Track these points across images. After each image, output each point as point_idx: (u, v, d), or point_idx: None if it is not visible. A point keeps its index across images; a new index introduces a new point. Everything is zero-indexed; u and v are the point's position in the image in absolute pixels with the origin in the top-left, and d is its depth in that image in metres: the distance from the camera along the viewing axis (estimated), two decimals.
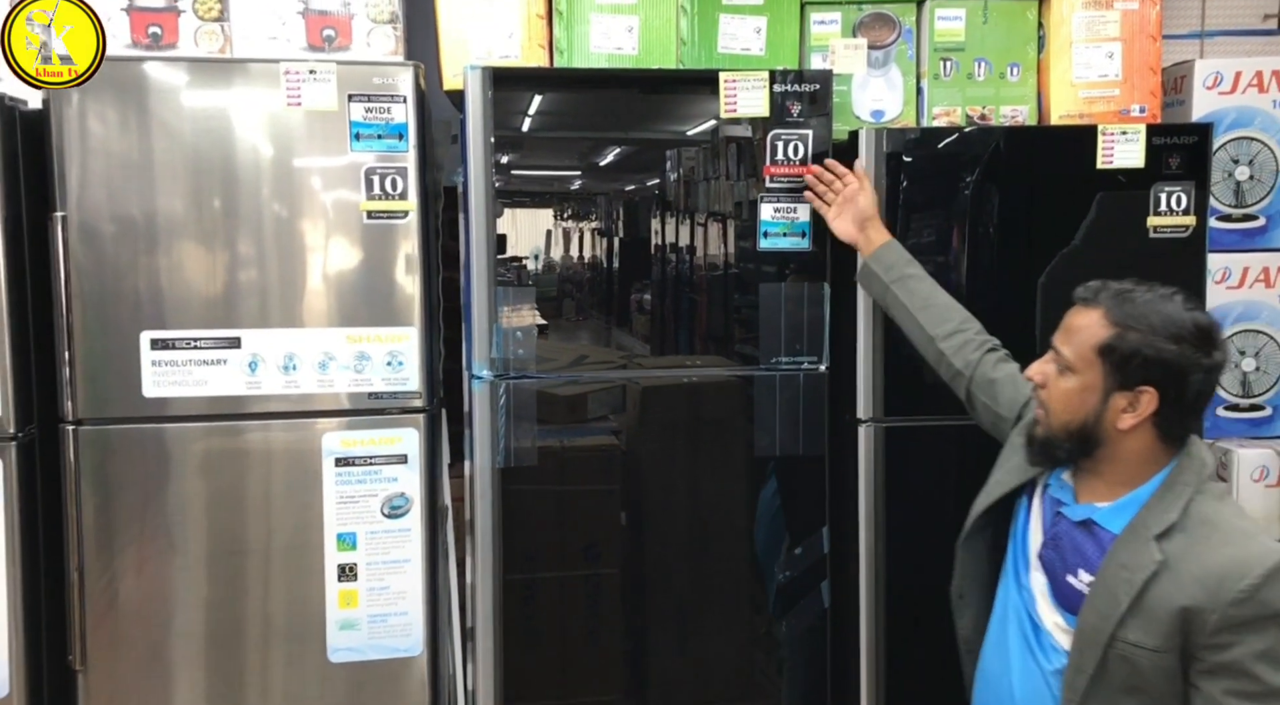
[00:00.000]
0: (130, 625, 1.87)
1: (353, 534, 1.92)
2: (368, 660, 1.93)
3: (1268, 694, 1.23)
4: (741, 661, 2.20)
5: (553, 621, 2.09)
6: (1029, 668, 1.42)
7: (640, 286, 2.11)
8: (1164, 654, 1.28)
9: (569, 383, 2.10)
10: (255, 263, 1.87)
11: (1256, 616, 1.23)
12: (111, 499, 1.85)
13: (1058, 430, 1.37)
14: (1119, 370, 1.31)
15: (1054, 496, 1.44)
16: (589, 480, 2.12)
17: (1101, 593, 1.32)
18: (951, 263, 2.11)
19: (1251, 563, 1.24)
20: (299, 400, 1.90)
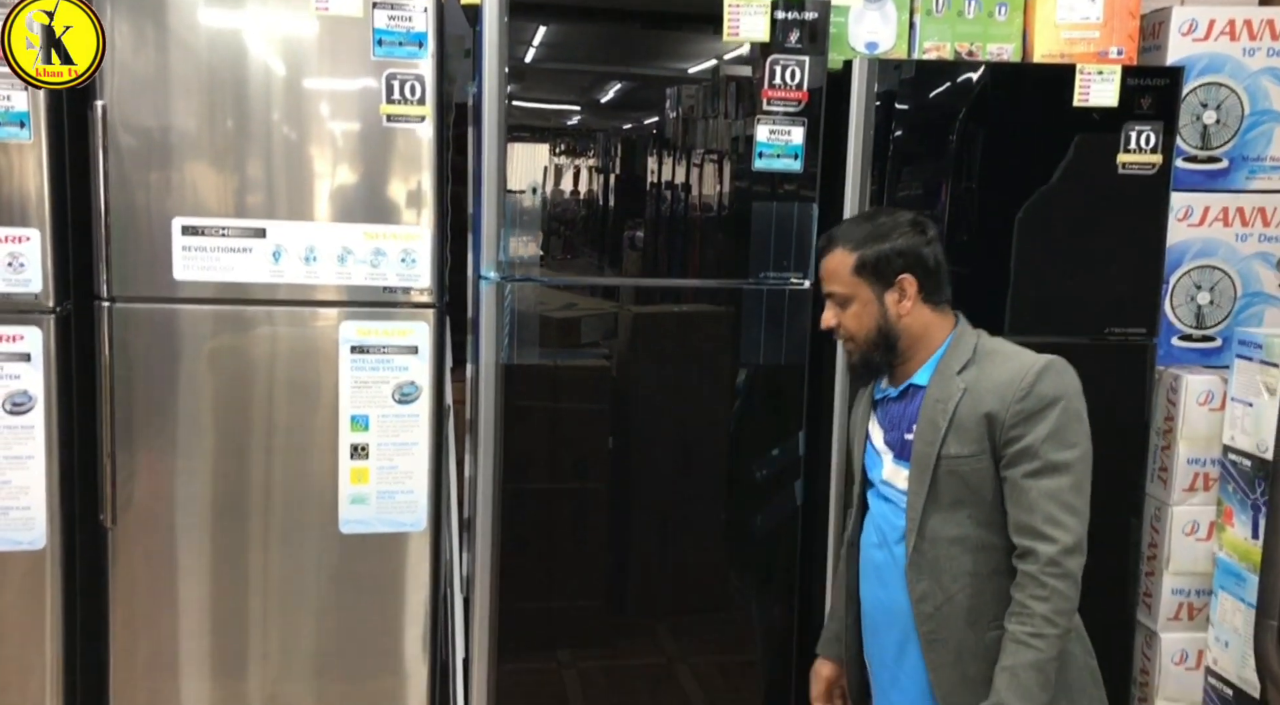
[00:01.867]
0: (157, 490, 2.02)
1: (365, 416, 2.07)
2: (375, 533, 2.09)
3: (1052, 468, 1.51)
4: (719, 574, 2.36)
5: (542, 529, 2.23)
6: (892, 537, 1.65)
7: (634, 224, 2.21)
8: (978, 457, 1.56)
9: (564, 308, 2.23)
10: (281, 159, 1.99)
11: (1036, 406, 1.52)
12: (141, 374, 1.99)
13: (866, 346, 1.67)
14: (877, 277, 1.62)
15: (879, 397, 1.72)
16: (581, 399, 2.26)
17: (925, 425, 1.60)
18: (935, 195, 2.24)
19: (1027, 367, 1.55)
20: (318, 290, 2.03)
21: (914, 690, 1.65)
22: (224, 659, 2.09)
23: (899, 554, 1.64)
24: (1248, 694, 1.98)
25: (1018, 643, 1.51)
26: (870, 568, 1.71)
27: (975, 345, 1.63)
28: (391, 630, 2.13)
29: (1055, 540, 1.50)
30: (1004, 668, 1.52)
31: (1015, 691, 1.50)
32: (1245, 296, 2.22)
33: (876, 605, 1.70)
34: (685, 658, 2.35)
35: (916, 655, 1.63)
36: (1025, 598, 1.51)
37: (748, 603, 2.37)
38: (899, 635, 1.66)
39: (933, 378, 1.63)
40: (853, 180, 2.16)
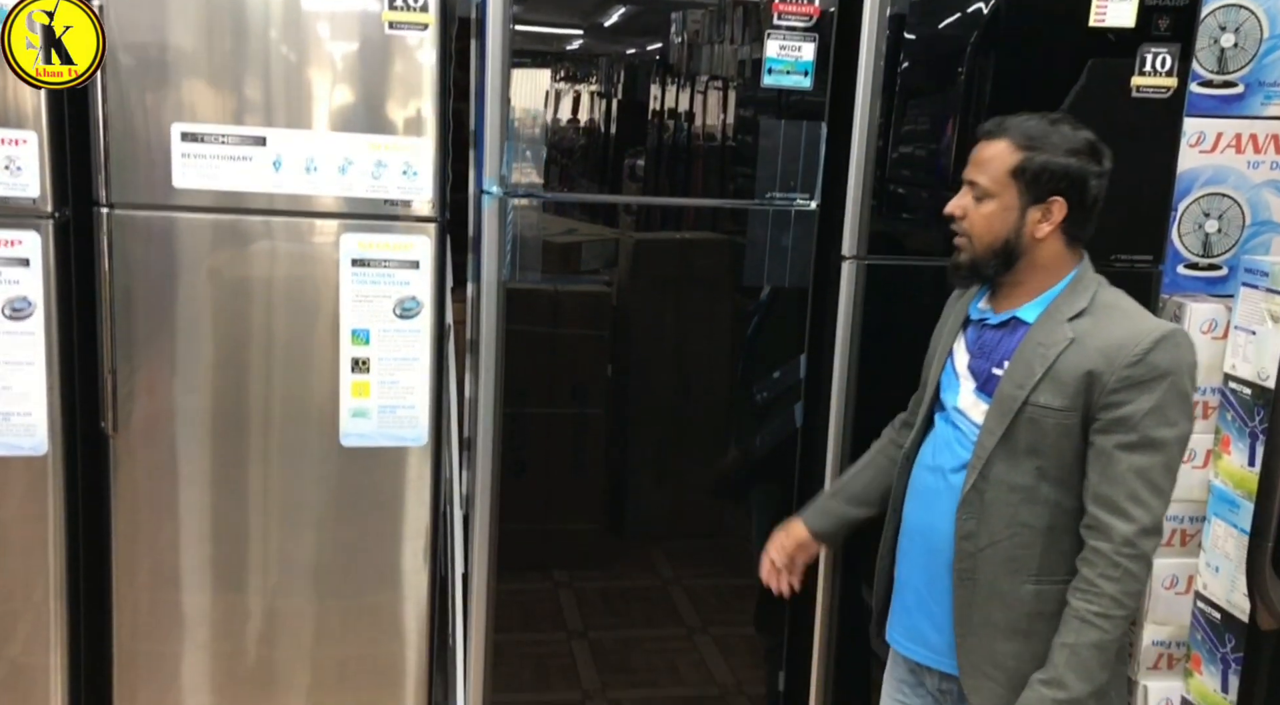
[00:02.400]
0: (157, 400, 2.02)
1: (366, 331, 2.06)
2: (376, 447, 2.10)
3: (1149, 444, 1.44)
4: (715, 499, 2.38)
5: (541, 453, 2.24)
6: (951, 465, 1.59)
7: (635, 152, 2.18)
8: (1067, 413, 1.48)
9: (565, 233, 2.21)
10: (281, 71, 1.95)
11: (1146, 376, 1.43)
12: (141, 283, 1.98)
13: (982, 251, 1.55)
14: (1032, 187, 1.50)
15: (975, 318, 1.64)
16: (581, 325, 2.25)
17: (1019, 366, 1.52)
18: (943, 121, 2.21)
19: (1144, 333, 1.45)
20: (319, 201, 2.00)
21: (944, 620, 1.60)
22: (224, 571, 2.11)
23: (953, 483, 1.58)
24: (1236, 617, 2.01)
25: (1082, 621, 1.45)
26: (919, 489, 1.66)
27: (1094, 293, 1.53)
28: (391, 544, 2.15)
29: (1134, 519, 1.43)
30: (1065, 644, 1.46)
31: (1075, 670, 1.45)
32: (1253, 225, 2.21)
33: (916, 527, 1.65)
34: (681, 581, 2.37)
35: (948, 586, 1.59)
36: (1095, 576, 1.45)
37: (745, 527, 2.39)
38: (934, 562, 1.61)
39: (1040, 317, 1.53)
40: (863, 98, 2.12)
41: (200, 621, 2.11)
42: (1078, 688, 1.45)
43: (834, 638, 2.32)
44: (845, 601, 2.31)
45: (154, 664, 2.12)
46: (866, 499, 1.83)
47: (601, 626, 2.33)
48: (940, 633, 1.61)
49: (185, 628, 2.11)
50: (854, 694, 2.37)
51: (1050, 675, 1.47)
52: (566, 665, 2.31)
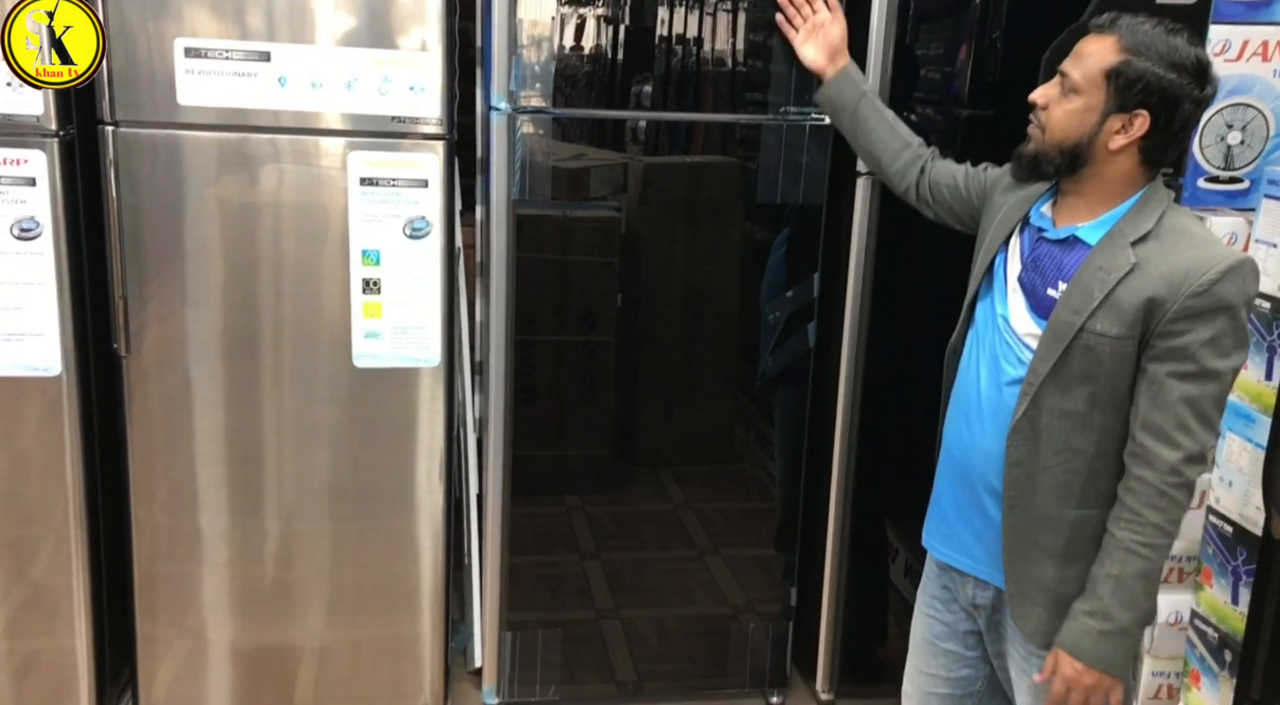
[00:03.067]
0: (168, 321, 2.02)
1: (377, 251, 2.04)
2: (389, 367, 2.09)
3: (1203, 374, 1.40)
4: (724, 425, 2.38)
5: (549, 380, 2.24)
6: (995, 381, 1.56)
7: (643, 78, 2.14)
8: (1124, 341, 1.43)
9: (574, 158, 2.17)
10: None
11: (1209, 307, 1.39)
12: (148, 202, 1.96)
13: (1051, 147, 1.49)
14: (1121, 94, 1.42)
15: (1035, 225, 1.56)
16: (590, 251, 2.23)
17: (1077, 291, 1.46)
18: (958, 40, 2.16)
19: (1212, 262, 1.40)
20: (325, 118, 1.97)
21: (984, 532, 1.59)
22: (240, 493, 2.12)
23: (999, 400, 1.54)
24: (1248, 530, 2.01)
25: (1127, 551, 1.43)
26: (961, 401, 1.61)
27: (1161, 215, 1.45)
28: (406, 465, 2.16)
29: (1181, 447, 1.40)
30: (1110, 575, 1.44)
31: (1121, 600, 1.43)
32: (1277, 136, 2.16)
33: (954, 439, 1.63)
34: (690, 504, 2.39)
35: (994, 507, 1.57)
36: (1140, 505, 1.42)
37: (753, 455, 2.40)
38: (975, 479, 1.59)
39: (1103, 240, 1.46)
40: (879, 14, 2.07)
41: (218, 543, 2.14)
42: (1124, 617, 1.44)
43: (845, 552, 2.35)
44: (857, 516, 2.33)
45: (173, 585, 2.14)
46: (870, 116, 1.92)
47: (613, 548, 2.35)
48: (981, 543, 1.60)
49: (203, 549, 2.13)
50: (866, 608, 2.40)
51: (1095, 606, 1.46)
52: (580, 586, 2.34)
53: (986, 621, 1.65)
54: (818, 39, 2.00)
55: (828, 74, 1.99)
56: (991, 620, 1.65)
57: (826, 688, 2.42)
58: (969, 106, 2.20)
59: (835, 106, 1.99)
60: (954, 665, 1.72)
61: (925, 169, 1.88)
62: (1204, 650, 2.12)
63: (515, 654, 2.30)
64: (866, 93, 1.96)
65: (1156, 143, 1.45)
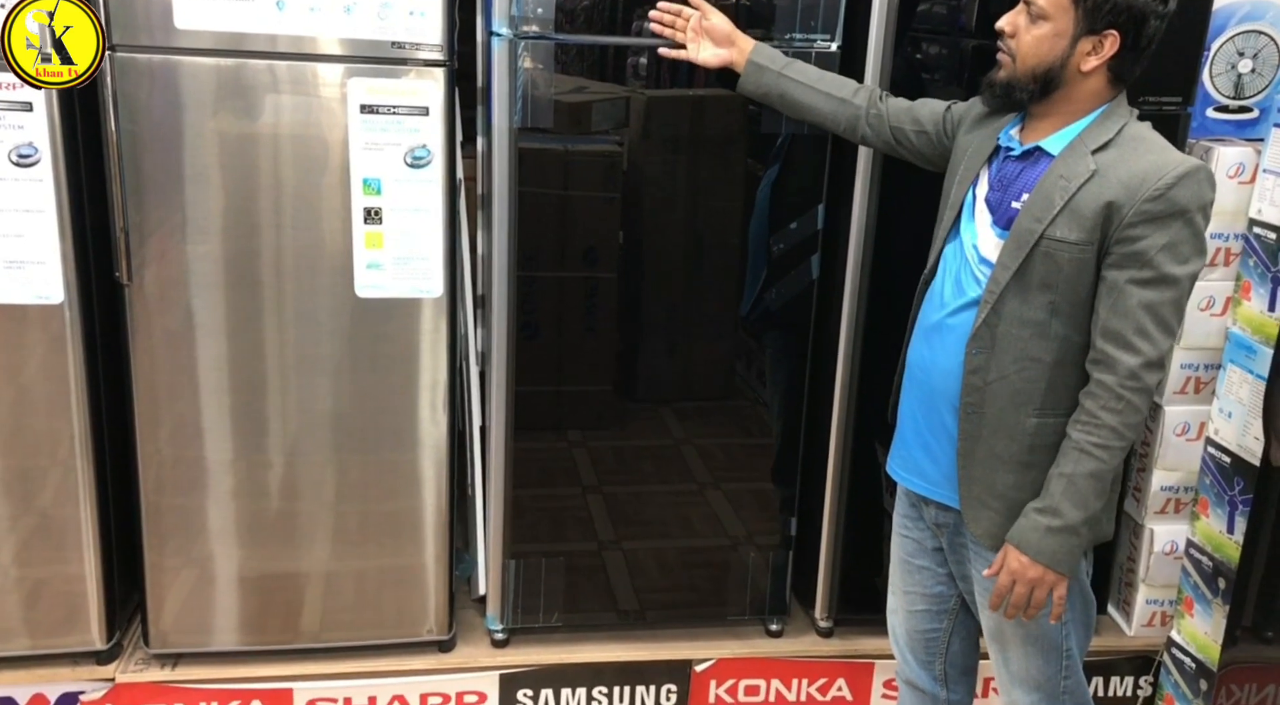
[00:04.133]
0: (169, 250, 2.00)
1: (378, 180, 2.02)
2: (392, 298, 2.09)
3: (1160, 280, 1.44)
4: (726, 363, 2.38)
5: (551, 317, 2.23)
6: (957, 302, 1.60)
7: (645, 6, 2.11)
8: (1083, 247, 1.46)
9: (575, 91, 2.14)
10: None
11: (1165, 212, 1.42)
12: (147, 130, 1.93)
13: (1023, 74, 1.51)
14: (1089, 16, 1.45)
15: (1003, 146, 1.59)
16: (591, 187, 2.21)
17: (1038, 200, 1.49)
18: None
19: (1168, 167, 1.43)
20: (324, 43, 1.94)
21: (940, 453, 1.64)
22: (244, 424, 2.13)
23: (958, 321, 1.58)
24: (1246, 460, 2.04)
25: (1081, 451, 1.47)
26: (924, 325, 1.66)
27: (1122, 127, 1.49)
28: (409, 397, 2.17)
29: (1140, 352, 1.43)
30: (1062, 474, 1.49)
31: (1071, 498, 1.48)
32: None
33: (918, 362, 1.67)
34: (691, 440, 2.41)
35: (951, 419, 1.61)
36: (1096, 408, 1.46)
37: (754, 391, 2.41)
38: (936, 397, 1.63)
39: (1064, 151, 1.50)
40: None
41: (222, 473, 2.15)
42: (1072, 515, 1.49)
43: (845, 484, 2.37)
44: (856, 448, 2.35)
45: (179, 515, 2.16)
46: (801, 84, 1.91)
47: (615, 482, 2.37)
48: (937, 465, 1.65)
49: (208, 479, 2.15)
50: (864, 538, 2.43)
51: (1045, 504, 1.50)
52: (582, 518, 2.36)
53: (949, 541, 1.71)
54: (705, 39, 1.98)
55: (739, 64, 1.96)
56: (953, 541, 1.70)
57: (825, 616, 2.46)
58: (976, 36, 2.17)
59: (759, 96, 1.98)
60: (929, 581, 1.79)
61: (878, 120, 1.88)
62: (1198, 578, 2.16)
63: (519, 582, 2.33)
64: (781, 71, 1.94)
65: (1124, 60, 1.48)
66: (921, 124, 1.83)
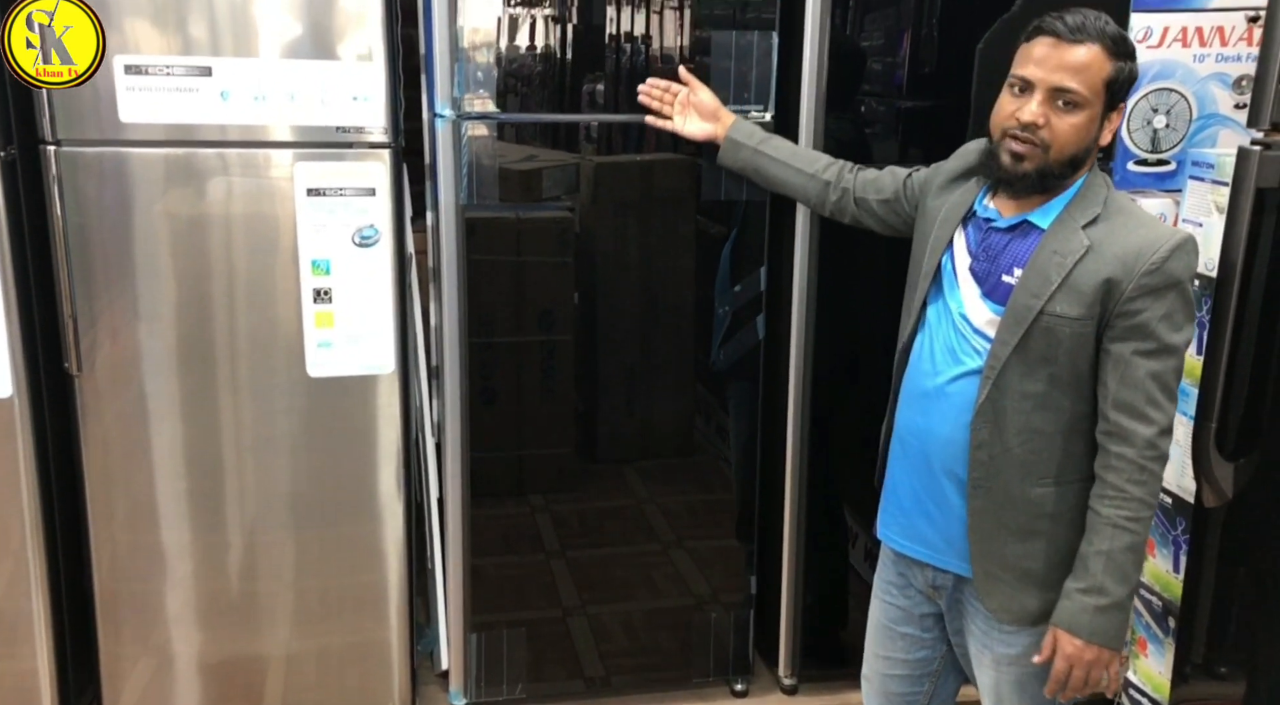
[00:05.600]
0: (120, 338, 2.01)
1: (327, 261, 2.05)
2: (344, 375, 2.11)
3: (1163, 350, 1.48)
4: (684, 418, 2.41)
5: (509, 382, 2.26)
6: (951, 372, 1.60)
7: (593, 77, 2.17)
8: (1084, 321, 1.49)
9: (525, 160, 2.19)
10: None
11: (1161, 284, 1.46)
12: (95, 221, 1.95)
13: (1060, 161, 1.50)
14: (1114, 96, 1.49)
15: (982, 217, 1.61)
16: (544, 252, 2.26)
17: (1034, 275, 1.51)
18: (896, 32, 2.21)
19: (1160, 241, 1.47)
20: (270, 131, 1.98)
21: (943, 521, 1.63)
22: (201, 506, 2.12)
23: (955, 390, 1.58)
24: (1186, 501, 2.09)
25: (1114, 527, 1.48)
26: (914, 393, 1.65)
27: (1106, 198, 1.52)
28: (366, 472, 2.18)
29: (1154, 422, 1.46)
30: (1100, 552, 1.48)
31: (1113, 575, 1.48)
32: (1200, 118, 2.23)
33: (911, 430, 1.66)
34: (654, 499, 2.42)
35: (955, 493, 1.60)
36: (1122, 482, 1.48)
37: (714, 447, 2.44)
38: (935, 466, 1.62)
39: (1054, 225, 1.51)
40: (814, 8, 2.12)
41: (180, 557, 2.14)
42: (1117, 591, 1.49)
43: (803, 539, 2.39)
44: (813, 503, 2.38)
45: (136, 602, 2.14)
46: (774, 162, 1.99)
47: (578, 546, 2.38)
48: (939, 532, 1.64)
49: (165, 564, 2.13)
50: (826, 593, 2.45)
51: (1088, 583, 1.49)
52: (546, 584, 2.36)
53: (948, 601, 1.70)
54: (691, 113, 2.08)
55: (720, 137, 2.07)
56: (952, 599, 1.69)
57: (789, 673, 2.47)
58: (908, 98, 2.26)
59: (736, 169, 2.08)
60: (911, 647, 1.77)
61: (843, 192, 1.95)
62: (1149, 618, 2.19)
63: (481, 655, 2.32)
64: (757, 147, 2.03)
65: None
66: (884, 193, 1.87)
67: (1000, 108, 1.54)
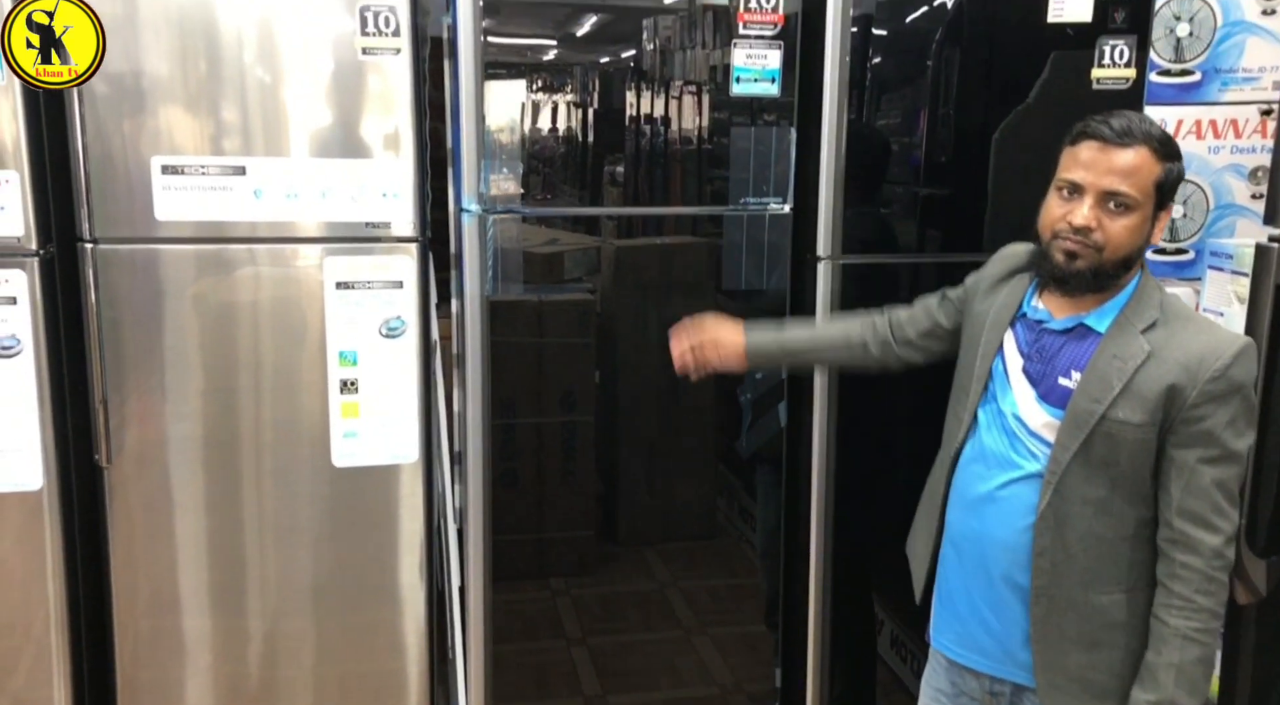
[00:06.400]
0: (149, 429, 2.04)
1: (354, 352, 2.08)
2: (369, 465, 2.12)
3: (1228, 457, 1.45)
4: (706, 501, 2.41)
5: (530, 463, 2.27)
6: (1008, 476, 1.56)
7: (614, 157, 2.22)
8: (1146, 427, 1.46)
9: (547, 244, 2.24)
10: (257, 98, 1.98)
11: (1225, 391, 1.44)
12: (128, 315, 1.99)
13: (1116, 262, 1.49)
14: (1164, 197, 1.50)
15: (1033, 319, 1.58)
16: (566, 333, 2.28)
17: (1094, 380, 1.49)
18: (914, 117, 2.25)
19: (1224, 346, 1.45)
20: (301, 227, 2.03)
21: (1003, 631, 1.58)
22: (223, 595, 2.13)
23: (1012, 494, 1.55)
24: None
25: (1184, 638, 1.44)
26: (968, 496, 1.62)
27: (1161, 302, 1.51)
28: (388, 561, 2.18)
29: (1220, 531, 1.44)
30: (1170, 664, 1.45)
31: (1184, 687, 1.45)
32: (1218, 209, 2.26)
33: (966, 535, 1.62)
34: (676, 583, 2.41)
35: (1014, 600, 1.56)
36: (1190, 592, 1.44)
37: (736, 529, 2.43)
38: (995, 574, 1.58)
39: (1112, 328, 1.50)
40: (830, 102, 2.16)
41: (201, 645, 2.13)
42: (1189, 703, 1.45)
43: (828, 630, 2.36)
44: (839, 591, 2.35)
45: (157, 690, 2.13)
46: (806, 352, 1.91)
47: (600, 632, 2.36)
48: (998, 642, 1.60)
49: (187, 652, 2.13)
50: (852, 684, 2.41)
51: (1159, 696, 1.46)
52: (567, 672, 2.34)
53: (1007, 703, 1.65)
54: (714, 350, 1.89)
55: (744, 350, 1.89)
56: (1010, 702, 1.64)
57: None
58: (926, 185, 2.29)
59: (770, 366, 2.05)
60: None
61: (883, 346, 1.84)
62: None
63: None
64: (782, 341, 1.91)
65: None
66: (921, 326, 1.81)
67: (1049, 210, 1.54)
